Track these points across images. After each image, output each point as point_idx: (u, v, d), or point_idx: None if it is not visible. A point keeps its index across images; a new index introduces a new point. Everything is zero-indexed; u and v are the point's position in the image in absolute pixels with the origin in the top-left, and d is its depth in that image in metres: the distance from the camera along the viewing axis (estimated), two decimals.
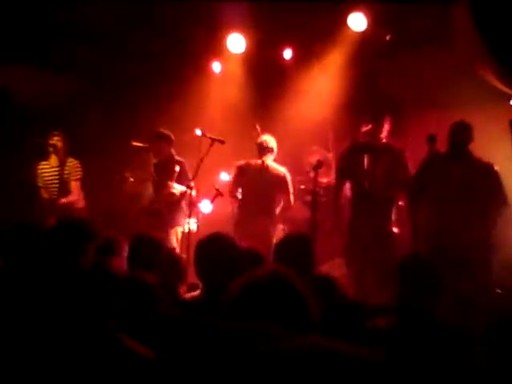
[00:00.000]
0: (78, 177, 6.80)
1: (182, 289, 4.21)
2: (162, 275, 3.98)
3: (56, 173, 6.73)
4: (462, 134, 5.47)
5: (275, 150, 6.74)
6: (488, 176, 5.40)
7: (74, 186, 6.77)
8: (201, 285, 3.39)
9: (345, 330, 2.24)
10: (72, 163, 6.78)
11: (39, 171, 6.80)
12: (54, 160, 6.77)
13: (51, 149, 6.68)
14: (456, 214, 5.30)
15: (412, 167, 5.90)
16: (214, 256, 3.25)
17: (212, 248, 3.32)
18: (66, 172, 6.73)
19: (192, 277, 4.59)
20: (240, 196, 6.68)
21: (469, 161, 5.47)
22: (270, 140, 6.75)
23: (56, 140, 6.69)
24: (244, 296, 1.78)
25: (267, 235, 6.40)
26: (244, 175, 6.64)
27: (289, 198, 6.65)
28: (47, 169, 6.80)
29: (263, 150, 6.68)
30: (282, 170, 6.70)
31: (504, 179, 5.79)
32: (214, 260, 3.23)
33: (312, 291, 1.77)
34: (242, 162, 6.72)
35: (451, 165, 5.44)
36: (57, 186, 6.69)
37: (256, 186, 6.54)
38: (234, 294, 1.81)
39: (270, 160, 6.69)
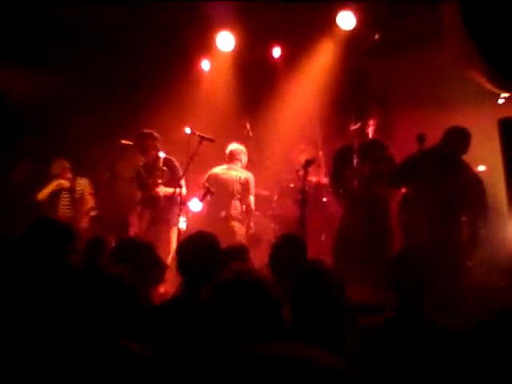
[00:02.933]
0: (91, 191, 7.01)
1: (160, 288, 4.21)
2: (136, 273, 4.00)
3: (67, 194, 6.92)
4: (458, 144, 5.48)
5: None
6: (474, 187, 5.42)
7: (90, 199, 6.97)
8: (181, 281, 3.41)
9: (342, 327, 2.25)
10: (82, 181, 6.98)
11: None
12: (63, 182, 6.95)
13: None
14: (438, 219, 5.32)
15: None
16: (192, 253, 3.28)
17: (191, 245, 3.35)
18: (78, 190, 6.94)
19: None
20: None
21: (459, 168, 5.48)
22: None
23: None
24: (212, 299, 1.79)
25: None
26: None
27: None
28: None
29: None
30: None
31: (491, 177, 5.85)
32: (191, 257, 3.26)
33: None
34: None
35: (441, 169, 5.44)
36: (69, 205, 6.87)
37: None
38: (204, 297, 1.82)
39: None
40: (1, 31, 6.86)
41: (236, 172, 6.89)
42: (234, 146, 7.00)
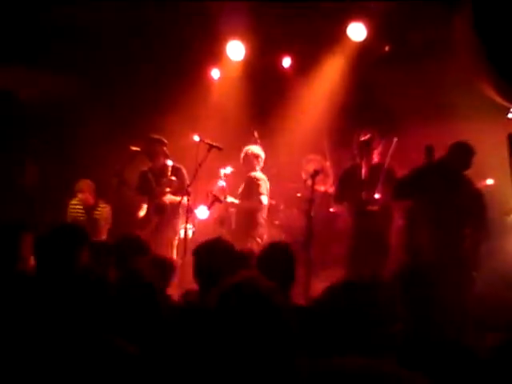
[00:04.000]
0: (108, 225, 6.98)
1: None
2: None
3: (83, 213, 6.91)
4: (461, 160, 5.49)
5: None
6: (475, 201, 5.43)
7: (104, 231, 6.90)
8: (198, 288, 3.41)
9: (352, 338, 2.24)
10: (104, 209, 6.97)
11: (69, 210, 6.95)
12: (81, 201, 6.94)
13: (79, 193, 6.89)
14: (444, 232, 5.35)
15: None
16: (209, 259, 3.28)
17: (208, 251, 3.35)
18: (97, 213, 6.93)
19: (189, 282, 4.61)
20: None
21: (461, 183, 5.50)
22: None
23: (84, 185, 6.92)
24: (217, 306, 1.79)
25: None
26: None
27: None
28: (76, 207, 6.95)
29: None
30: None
31: (500, 191, 5.85)
32: (209, 263, 3.26)
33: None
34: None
35: (446, 183, 5.46)
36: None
37: None
38: (210, 304, 1.82)
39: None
40: (3, 32, 6.88)
41: None
42: (255, 148, 6.92)
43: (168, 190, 6.60)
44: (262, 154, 6.88)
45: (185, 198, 6.21)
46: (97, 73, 7.65)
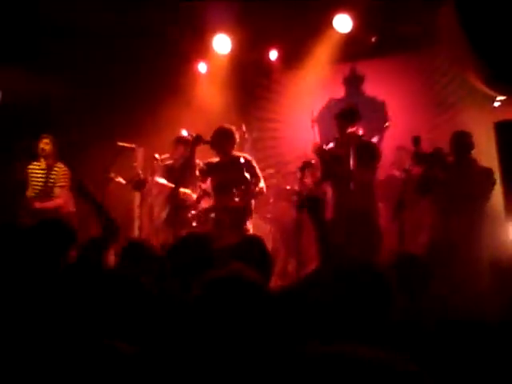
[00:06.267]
0: (64, 184, 6.67)
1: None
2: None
3: (43, 176, 6.67)
4: (463, 145, 5.62)
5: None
6: (487, 181, 5.55)
7: (59, 192, 6.65)
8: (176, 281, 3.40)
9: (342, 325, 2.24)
10: (60, 169, 6.69)
11: (29, 171, 6.73)
12: (43, 163, 6.70)
13: (40, 152, 6.63)
14: (458, 215, 5.46)
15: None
16: (186, 254, 3.28)
17: (184, 246, 3.35)
18: (51, 177, 6.66)
19: None
20: None
21: (471, 167, 5.63)
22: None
23: (44, 143, 6.64)
24: (205, 295, 1.79)
25: None
26: None
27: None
28: (36, 170, 6.72)
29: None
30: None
31: None
32: (186, 258, 3.26)
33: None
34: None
35: (456, 172, 5.59)
36: (40, 188, 6.62)
37: None
38: (197, 292, 1.81)
39: None
40: (0, 31, 6.84)
41: None
42: None
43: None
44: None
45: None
46: (84, 70, 7.60)
